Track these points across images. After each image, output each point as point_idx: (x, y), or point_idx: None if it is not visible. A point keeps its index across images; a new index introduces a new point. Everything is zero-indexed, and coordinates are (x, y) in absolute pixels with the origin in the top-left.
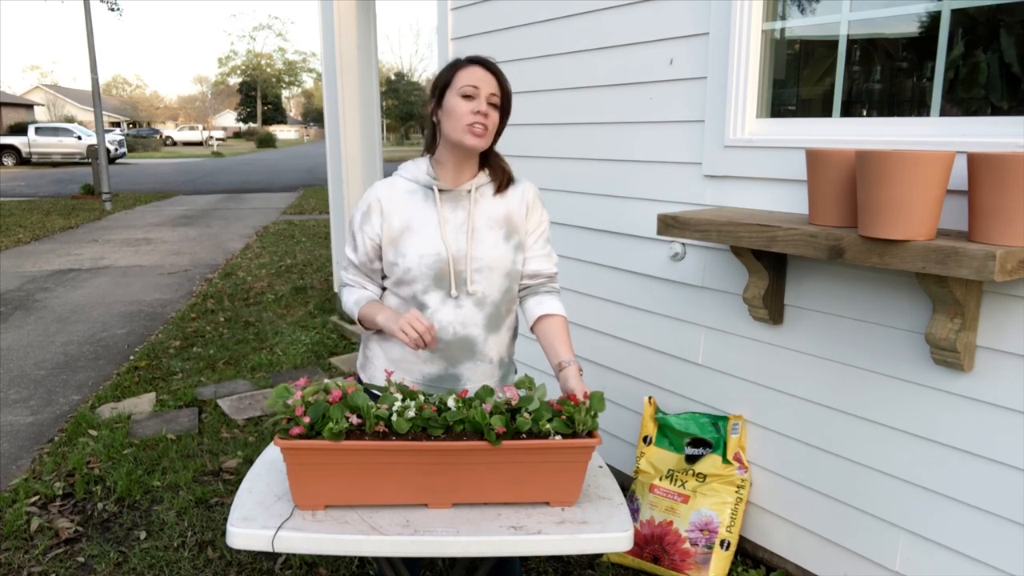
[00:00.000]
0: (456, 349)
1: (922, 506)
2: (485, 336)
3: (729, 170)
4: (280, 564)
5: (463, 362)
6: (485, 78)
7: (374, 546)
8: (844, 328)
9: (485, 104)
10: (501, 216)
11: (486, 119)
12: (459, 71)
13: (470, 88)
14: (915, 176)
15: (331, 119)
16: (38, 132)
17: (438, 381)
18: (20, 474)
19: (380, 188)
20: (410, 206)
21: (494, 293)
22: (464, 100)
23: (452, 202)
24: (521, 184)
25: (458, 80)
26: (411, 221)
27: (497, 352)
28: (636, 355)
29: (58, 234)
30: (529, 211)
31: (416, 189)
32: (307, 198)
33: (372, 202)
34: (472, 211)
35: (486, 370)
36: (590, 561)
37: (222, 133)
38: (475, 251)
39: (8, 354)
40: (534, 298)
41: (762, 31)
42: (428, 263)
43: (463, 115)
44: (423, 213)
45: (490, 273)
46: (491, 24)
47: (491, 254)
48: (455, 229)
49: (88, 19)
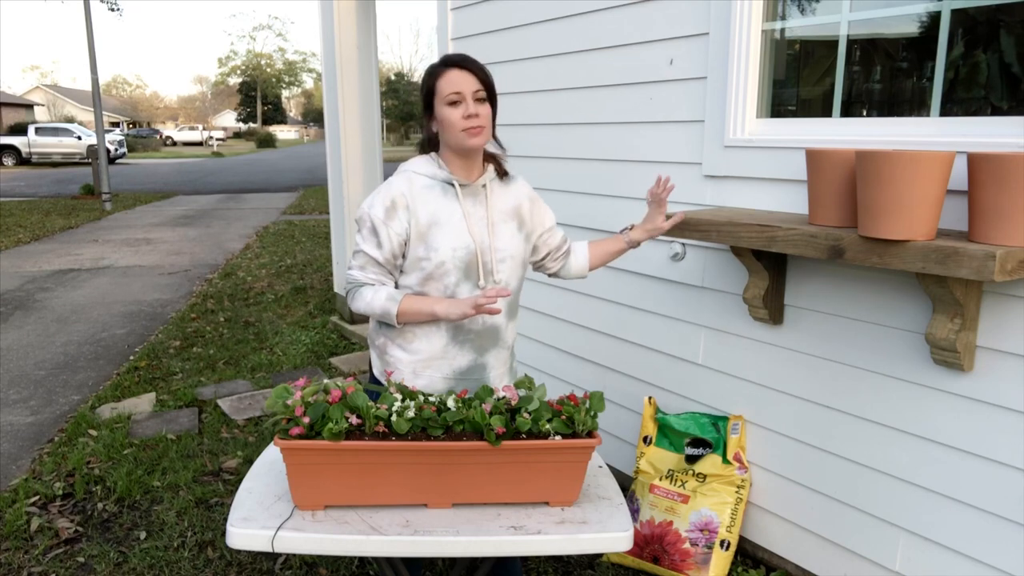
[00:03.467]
0: (485, 338)
1: (922, 506)
2: (506, 323)
3: (729, 170)
4: (280, 564)
5: (489, 350)
6: (463, 79)
7: (374, 546)
8: (844, 328)
9: (472, 105)
10: (511, 209)
11: (479, 117)
12: (438, 80)
13: (454, 95)
14: (915, 176)
15: (331, 119)
16: (38, 132)
17: (468, 373)
18: (20, 474)
19: (398, 183)
20: (432, 201)
21: (513, 281)
22: (452, 108)
23: (471, 196)
24: (517, 179)
25: (440, 89)
26: (437, 215)
27: (512, 337)
28: (636, 355)
29: (58, 234)
30: (534, 204)
31: (433, 184)
32: (307, 198)
33: (396, 197)
34: (489, 205)
35: (504, 356)
36: (590, 561)
37: (222, 133)
38: (496, 243)
39: (8, 354)
40: (572, 256)
41: (762, 31)
42: (460, 256)
43: (457, 122)
44: (447, 207)
45: (511, 263)
46: (491, 24)
47: (510, 244)
48: (477, 222)
49: (88, 19)
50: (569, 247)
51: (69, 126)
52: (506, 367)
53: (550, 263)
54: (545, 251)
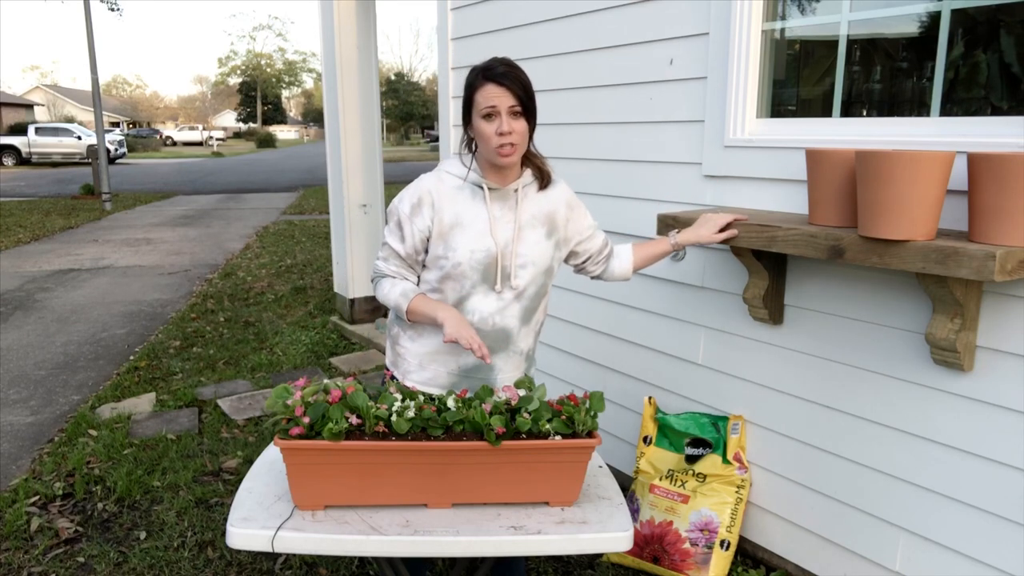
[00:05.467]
0: (493, 339)
1: (922, 506)
2: (519, 328)
3: (729, 170)
4: (280, 564)
5: (498, 352)
6: (500, 94)
7: (374, 546)
8: (844, 328)
9: (507, 122)
10: (544, 214)
11: (511, 135)
12: (476, 92)
13: (489, 109)
14: (915, 176)
15: (331, 119)
16: (38, 132)
17: (474, 371)
18: (20, 474)
19: (429, 181)
20: (459, 202)
21: (532, 287)
22: (487, 122)
23: (500, 200)
24: (559, 184)
25: (478, 102)
26: (461, 217)
27: (527, 344)
28: (636, 355)
29: (58, 234)
30: (572, 210)
31: (463, 186)
32: (307, 198)
33: (423, 194)
34: (518, 209)
35: (516, 361)
36: (590, 561)
37: (222, 133)
38: (519, 248)
39: (8, 354)
40: (614, 259)
41: (762, 31)
42: (479, 259)
43: (490, 137)
44: (473, 209)
45: (532, 269)
46: (491, 24)
47: (534, 251)
48: (503, 226)
49: (88, 19)
50: (611, 250)
51: (69, 126)
52: (519, 372)
53: (591, 266)
54: (585, 256)
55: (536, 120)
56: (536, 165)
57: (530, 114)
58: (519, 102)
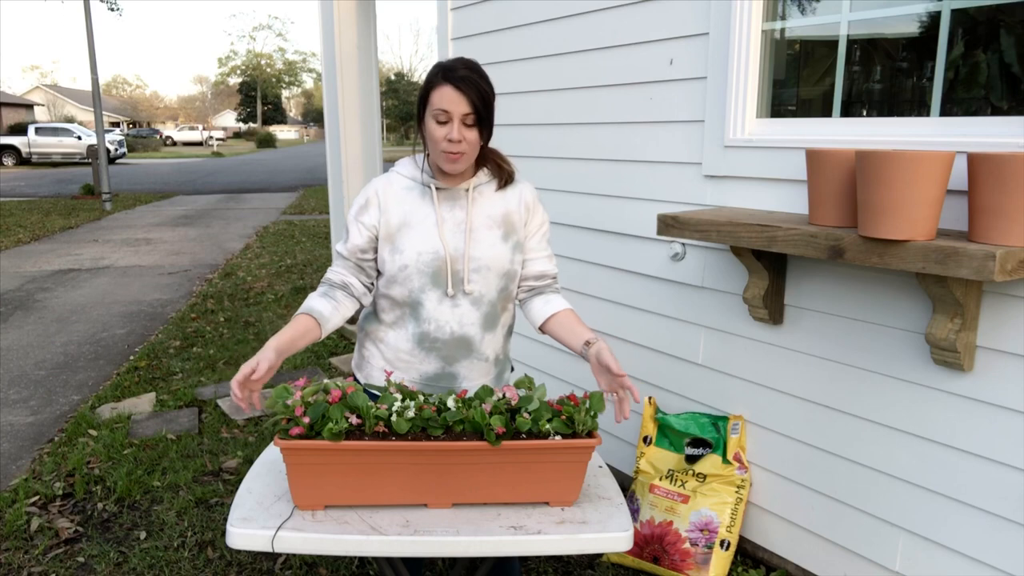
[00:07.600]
0: (453, 348)
1: (922, 506)
2: (482, 335)
3: (729, 170)
4: (280, 564)
5: (460, 360)
6: (455, 100)
7: (374, 546)
8: (844, 328)
9: (458, 130)
10: (500, 215)
11: (460, 144)
12: (432, 91)
13: (441, 113)
14: (915, 176)
15: (331, 119)
16: (38, 132)
17: (435, 380)
18: (20, 474)
19: (377, 183)
20: (407, 203)
21: (491, 292)
22: (438, 125)
23: (450, 201)
24: (519, 184)
25: (432, 102)
26: (409, 217)
27: (493, 350)
28: (636, 355)
29: (58, 234)
30: (530, 213)
31: (413, 186)
32: (307, 198)
33: (370, 196)
34: (470, 210)
35: (482, 368)
36: (590, 561)
37: (222, 133)
38: (473, 251)
39: (8, 354)
40: (541, 298)
41: (762, 31)
42: (426, 260)
43: (439, 141)
44: (421, 210)
45: (487, 273)
46: (491, 24)
47: (489, 254)
48: (453, 228)
49: (88, 19)
50: (544, 288)
51: (69, 126)
52: (487, 378)
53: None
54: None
55: (492, 130)
56: (495, 163)
57: (484, 124)
58: (474, 111)
